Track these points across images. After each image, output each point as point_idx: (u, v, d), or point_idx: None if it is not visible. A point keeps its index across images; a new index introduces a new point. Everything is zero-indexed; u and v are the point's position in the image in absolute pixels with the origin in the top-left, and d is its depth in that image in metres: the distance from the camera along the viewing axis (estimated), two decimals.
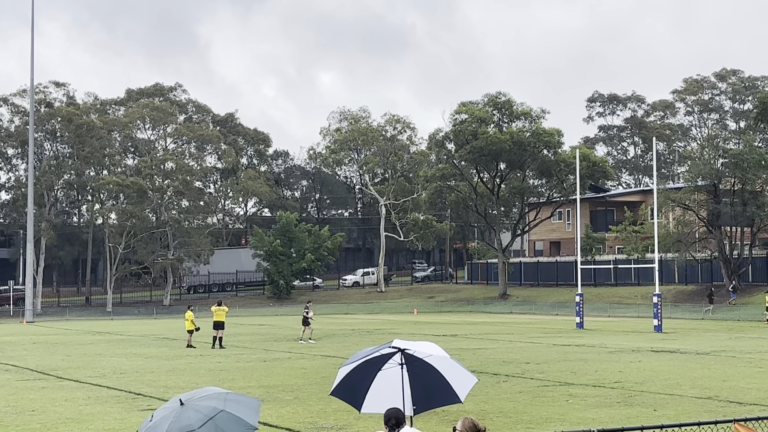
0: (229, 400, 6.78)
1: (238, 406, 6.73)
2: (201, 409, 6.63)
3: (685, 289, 67.55)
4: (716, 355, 29.99)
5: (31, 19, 72.09)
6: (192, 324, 36.60)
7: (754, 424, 7.89)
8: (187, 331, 36.67)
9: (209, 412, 6.59)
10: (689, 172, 68.62)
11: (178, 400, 6.82)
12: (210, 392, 6.94)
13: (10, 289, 76.70)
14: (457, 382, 9.08)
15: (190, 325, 36.63)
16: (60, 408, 18.79)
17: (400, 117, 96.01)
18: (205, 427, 6.46)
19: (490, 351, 32.38)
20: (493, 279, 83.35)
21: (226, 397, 6.85)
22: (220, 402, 6.73)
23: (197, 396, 6.87)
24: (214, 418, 6.53)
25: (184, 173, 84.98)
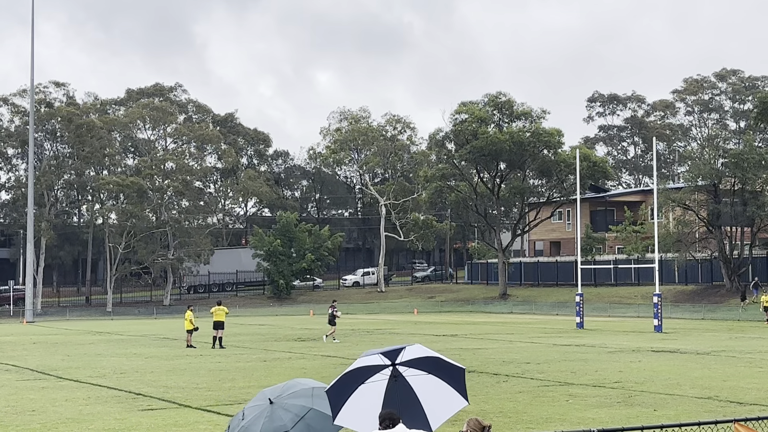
0: (316, 396, 6.92)
1: (325, 402, 6.83)
2: (291, 408, 6.76)
3: (685, 289, 67.55)
4: (716, 355, 29.99)
5: (31, 19, 72.14)
6: (191, 324, 36.60)
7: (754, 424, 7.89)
8: (187, 331, 36.67)
9: (299, 411, 6.74)
10: (689, 172, 68.61)
11: (267, 398, 6.93)
12: (297, 388, 7.04)
13: (10, 289, 76.69)
14: (434, 410, 8.67)
15: (189, 324, 36.63)
16: (60, 408, 18.79)
17: (400, 117, 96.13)
18: (297, 427, 6.60)
19: (490, 351, 32.38)
20: (493, 279, 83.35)
21: (313, 392, 6.99)
22: (309, 399, 6.87)
23: (285, 393, 6.98)
24: (304, 417, 6.67)
25: (184, 173, 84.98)
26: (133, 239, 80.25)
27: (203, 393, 21.05)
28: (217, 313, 36.68)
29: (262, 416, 6.76)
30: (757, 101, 69.26)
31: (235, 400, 19.69)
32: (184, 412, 18.18)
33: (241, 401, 19.50)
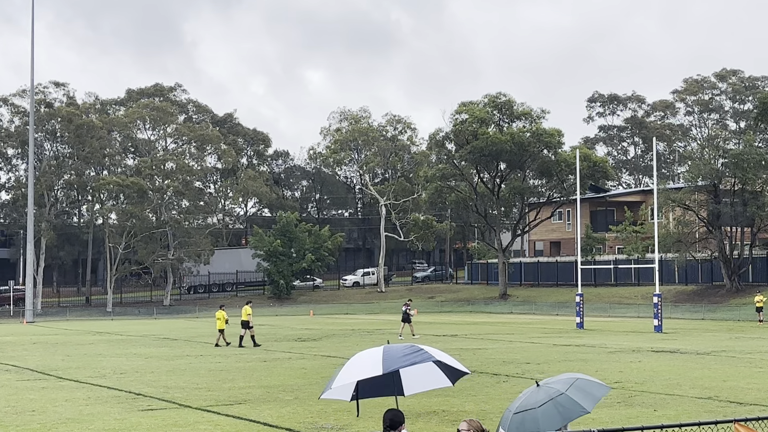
0: (574, 386, 7.46)
1: (578, 392, 7.39)
2: (548, 390, 7.42)
3: (685, 289, 67.55)
4: (716, 355, 29.99)
5: (32, 19, 72.11)
6: (224, 323, 36.95)
7: (754, 424, 7.89)
8: (219, 330, 36.91)
9: (552, 393, 7.35)
10: (689, 172, 68.59)
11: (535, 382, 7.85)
12: (566, 377, 7.66)
13: (10, 289, 76.70)
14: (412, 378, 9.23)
15: (222, 324, 36.92)
16: (60, 408, 18.78)
17: (400, 117, 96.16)
18: (545, 406, 7.27)
19: (490, 351, 32.37)
20: (493, 279, 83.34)
21: (575, 382, 7.51)
22: (566, 386, 7.44)
23: (554, 378, 7.68)
24: (554, 398, 7.32)
25: (184, 173, 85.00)
26: (133, 239, 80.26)
27: (203, 393, 21.05)
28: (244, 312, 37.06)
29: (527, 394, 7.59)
30: (757, 101, 69.26)
31: (235, 400, 19.68)
32: (184, 412, 18.18)
33: (241, 401, 19.51)
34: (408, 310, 41.05)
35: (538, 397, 7.42)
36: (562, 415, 7.22)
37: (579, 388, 7.48)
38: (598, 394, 7.59)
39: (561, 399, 7.32)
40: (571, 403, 7.29)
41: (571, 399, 7.31)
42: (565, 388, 7.40)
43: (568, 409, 7.25)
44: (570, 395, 7.35)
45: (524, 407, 7.37)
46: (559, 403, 7.28)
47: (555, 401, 7.29)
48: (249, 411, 18.09)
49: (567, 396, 7.34)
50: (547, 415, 7.21)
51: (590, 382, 7.72)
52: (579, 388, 7.48)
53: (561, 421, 7.19)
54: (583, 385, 7.56)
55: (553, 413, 7.22)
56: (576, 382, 7.54)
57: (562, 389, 7.41)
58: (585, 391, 7.48)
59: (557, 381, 7.61)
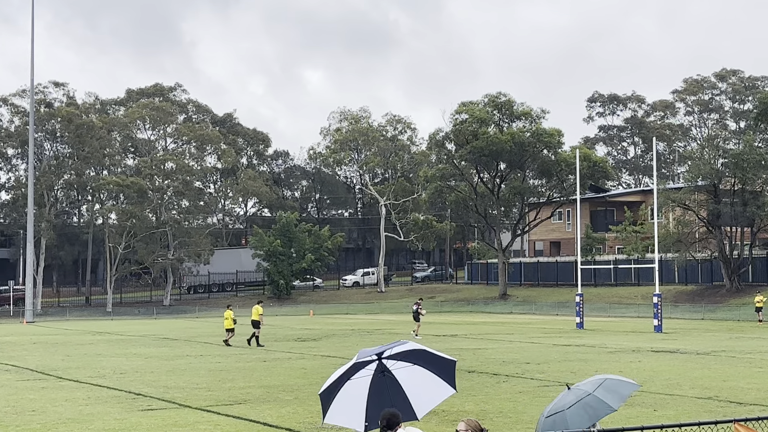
0: (602, 386, 7.72)
1: (605, 392, 7.64)
2: (577, 393, 7.67)
3: (685, 289, 67.55)
4: (716, 355, 29.99)
5: (32, 19, 72.08)
6: (232, 323, 37.03)
7: (754, 424, 7.89)
8: (226, 330, 37.05)
9: (581, 395, 7.62)
10: (689, 172, 68.60)
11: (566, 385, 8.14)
12: (594, 378, 7.91)
13: (10, 289, 76.70)
14: (419, 398, 9.09)
15: (230, 323, 36.97)
16: (60, 408, 18.78)
17: (400, 117, 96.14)
18: (574, 407, 7.53)
19: (490, 351, 32.37)
20: (493, 279, 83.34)
21: (603, 383, 7.77)
22: (594, 386, 7.70)
23: (584, 382, 7.93)
24: (583, 399, 7.59)
25: (184, 173, 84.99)
26: (133, 239, 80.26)
27: (203, 393, 21.05)
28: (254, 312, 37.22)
29: (558, 397, 7.90)
30: (757, 101, 69.25)
31: (235, 400, 19.68)
32: (184, 412, 18.18)
33: (241, 401, 19.51)
34: (419, 309, 41.57)
35: (567, 399, 7.70)
36: (590, 415, 7.46)
37: (607, 388, 7.73)
38: (626, 392, 7.84)
39: (589, 399, 7.58)
40: (599, 402, 7.55)
41: (598, 399, 7.58)
42: (593, 389, 7.68)
43: (596, 408, 7.51)
44: (597, 395, 7.61)
45: (555, 410, 7.66)
46: (587, 404, 7.54)
47: (583, 402, 7.56)
48: (249, 411, 18.09)
49: (594, 396, 7.60)
50: (575, 416, 7.47)
51: (619, 382, 7.97)
52: (607, 388, 7.73)
53: (589, 420, 7.42)
54: (611, 384, 7.81)
55: (582, 414, 7.47)
56: (604, 383, 7.80)
57: (590, 390, 7.69)
58: (613, 390, 7.73)
59: (587, 383, 7.88)
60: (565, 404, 7.67)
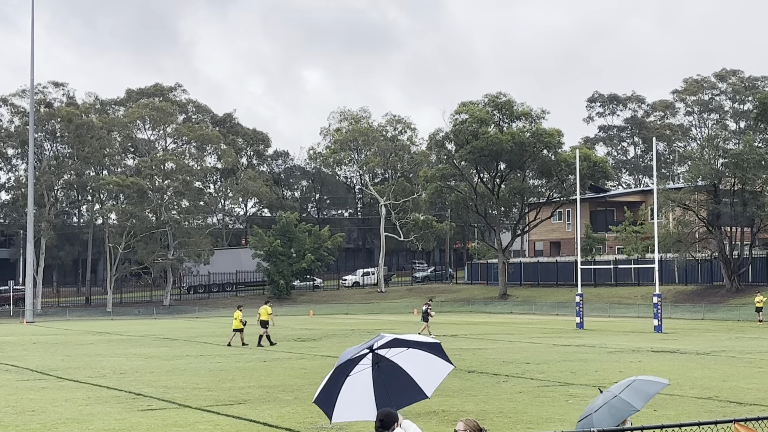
0: (629, 387, 7.93)
1: (631, 393, 7.87)
2: (605, 395, 7.94)
3: (685, 289, 67.55)
4: (716, 355, 29.99)
5: (31, 19, 72.09)
6: (240, 323, 37.14)
7: (754, 424, 7.89)
8: (233, 330, 37.19)
9: (608, 397, 7.89)
10: (689, 172, 68.60)
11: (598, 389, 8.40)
12: (625, 381, 8.15)
13: (10, 289, 76.70)
14: (425, 378, 9.05)
15: (238, 324, 37.08)
16: (60, 408, 18.78)
17: (400, 117, 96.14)
18: (600, 409, 7.77)
19: (490, 351, 32.37)
20: (493, 279, 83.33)
21: (631, 384, 7.99)
22: (621, 388, 7.96)
23: (615, 384, 8.16)
24: (609, 402, 7.82)
25: (184, 173, 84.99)
26: (133, 239, 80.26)
27: (203, 393, 21.05)
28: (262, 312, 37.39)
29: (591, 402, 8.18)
30: (757, 101, 69.23)
31: (235, 400, 19.68)
32: (184, 412, 18.18)
33: (241, 401, 19.50)
34: (428, 309, 41.99)
35: (596, 402, 7.95)
36: (614, 416, 7.67)
37: (633, 389, 7.94)
38: (652, 392, 8.04)
39: (614, 401, 7.81)
40: (623, 403, 7.77)
41: (623, 400, 7.80)
42: (619, 390, 7.91)
43: (620, 409, 7.73)
44: (623, 396, 7.84)
45: (584, 414, 7.94)
46: (612, 405, 7.77)
47: (609, 404, 7.79)
48: (249, 411, 18.09)
49: (620, 398, 7.83)
50: (600, 418, 7.71)
51: (646, 381, 8.17)
52: (633, 389, 7.94)
53: (613, 422, 7.63)
54: (638, 385, 8.02)
55: (606, 416, 7.70)
56: (632, 384, 8.01)
57: (617, 392, 7.91)
58: (638, 390, 7.95)
59: (617, 385, 8.10)
60: (593, 407, 7.91)
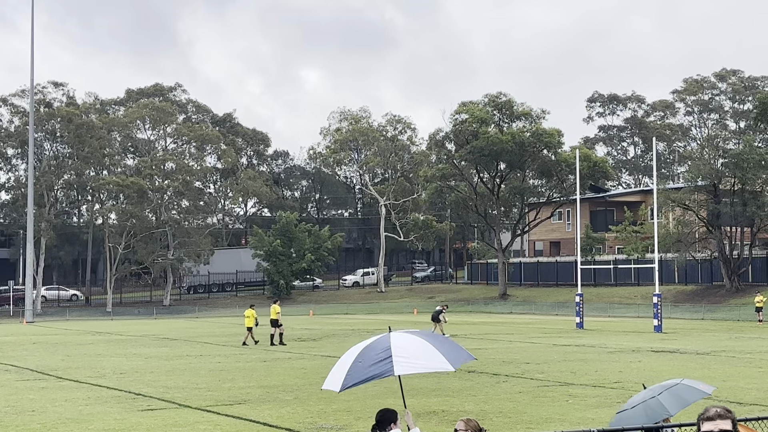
0: (670, 390, 8.15)
1: (669, 396, 8.05)
2: (645, 394, 8.17)
3: (685, 289, 67.55)
4: (716, 355, 29.99)
5: (31, 19, 72.07)
6: (253, 321, 37.35)
7: (754, 424, 7.89)
8: (247, 328, 37.33)
9: (646, 396, 8.13)
10: (689, 172, 68.61)
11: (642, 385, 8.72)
12: (669, 381, 8.45)
13: (10, 289, 76.69)
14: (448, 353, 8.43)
15: (251, 322, 37.28)
16: (60, 408, 18.78)
17: (400, 117, 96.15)
18: (637, 408, 7.99)
19: (490, 351, 32.37)
20: (493, 279, 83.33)
21: (673, 387, 8.21)
22: (662, 389, 8.18)
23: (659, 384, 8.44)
24: (646, 401, 8.04)
25: (184, 173, 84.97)
26: (133, 239, 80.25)
27: (203, 393, 21.05)
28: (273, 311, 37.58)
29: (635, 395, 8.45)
30: (756, 101, 69.24)
31: (235, 400, 19.68)
32: (184, 412, 18.18)
33: (241, 401, 19.50)
34: (443, 312, 42.37)
35: (636, 399, 8.17)
36: (648, 417, 7.83)
37: (673, 393, 8.09)
38: (691, 399, 8.16)
39: (651, 402, 7.98)
40: (659, 406, 7.92)
41: (659, 402, 7.96)
42: (659, 391, 8.09)
43: (655, 411, 7.88)
44: (660, 399, 8.00)
45: (623, 408, 8.18)
46: (648, 406, 7.94)
47: (646, 404, 7.97)
48: (249, 411, 18.09)
49: (657, 399, 7.99)
50: (636, 415, 7.89)
51: (689, 387, 8.30)
52: (673, 393, 8.09)
53: (647, 421, 7.78)
54: (679, 389, 8.18)
55: (641, 415, 7.87)
56: (674, 387, 8.18)
57: (656, 393, 8.09)
58: (678, 396, 8.10)
59: (660, 385, 8.29)
60: (631, 404, 8.11)
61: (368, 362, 8.19)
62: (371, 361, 8.19)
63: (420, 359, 8.25)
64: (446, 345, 8.70)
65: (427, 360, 8.26)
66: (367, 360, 8.24)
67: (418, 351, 8.31)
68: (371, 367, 8.13)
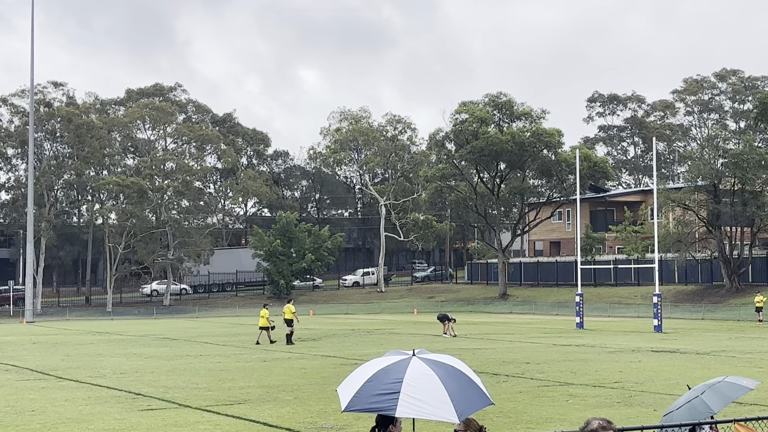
0: (713, 388, 8.36)
1: (712, 394, 8.27)
2: (689, 394, 8.34)
3: (685, 289, 67.55)
4: (716, 355, 29.99)
5: (31, 19, 72.05)
6: (267, 321, 37.45)
7: (754, 424, 7.90)
8: (260, 328, 37.56)
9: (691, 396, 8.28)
10: (689, 172, 68.60)
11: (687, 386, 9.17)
12: (713, 380, 8.60)
13: (10, 289, 76.69)
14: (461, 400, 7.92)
15: (265, 322, 37.42)
16: (60, 408, 18.78)
17: (401, 117, 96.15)
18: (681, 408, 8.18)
19: (490, 351, 32.37)
20: (493, 279, 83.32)
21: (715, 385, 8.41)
22: (705, 388, 8.40)
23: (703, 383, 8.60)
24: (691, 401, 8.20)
25: (184, 173, 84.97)
26: (133, 239, 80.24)
27: (203, 393, 21.05)
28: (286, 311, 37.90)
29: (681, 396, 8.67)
30: (756, 101, 69.24)
31: (235, 400, 19.68)
32: (184, 412, 18.18)
33: (241, 401, 19.50)
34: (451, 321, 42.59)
35: (680, 401, 8.37)
36: (693, 417, 7.99)
37: (716, 391, 8.30)
38: (733, 396, 8.42)
39: (695, 402, 8.17)
40: (702, 405, 8.12)
41: (702, 401, 8.15)
42: (702, 391, 8.30)
43: (698, 410, 8.07)
44: (703, 398, 8.21)
45: (669, 410, 8.39)
46: (693, 406, 8.13)
47: (690, 404, 8.16)
48: (249, 411, 18.09)
49: (700, 399, 8.19)
50: (681, 417, 8.07)
51: (731, 384, 8.52)
52: (716, 391, 8.30)
53: (691, 420, 7.97)
54: (722, 387, 8.40)
55: (685, 415, 8.06)
56: (717, 385, 8.39)
57: (699, 392, 8.30)
58: (720, 393, 8.32)
59: (703, 384, 8.49)
60: (676, 405, 8.31)
61: (377, 389, 7.83)
62: (379, 389, 7.81)
63: (426, 404, 7.72)
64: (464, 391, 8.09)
65: (434, 407, 7.72)
66: (377, 385, 7.87)
67: (428, 394, 7.76)
68: (376, 397, 7.79)
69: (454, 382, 8.05)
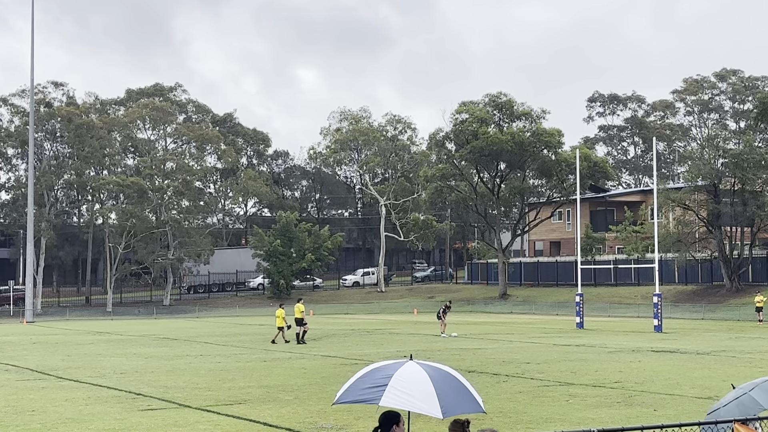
0: (760, 386, 8.41)
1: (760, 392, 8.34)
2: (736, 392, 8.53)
3: (685, 289, 67.55)
4: (716, 355, 29.99)
5: (31, 19, 72.06)
6: (283, 321, 37.71)
7: (754, 424, 7.91)
8: (278, 328, 37.80)
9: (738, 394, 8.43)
10: (689, 172, 68.58)
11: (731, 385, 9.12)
12: (758, 380, 8.66)
13: (10, 289, 76.68)
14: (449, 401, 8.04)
15: (282, 322, 37.67)
16: (60, 408, 18.78)
17: (400, 117, 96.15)
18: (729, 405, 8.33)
19: (490, 351, 32.38)
20: (493, 279, 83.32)
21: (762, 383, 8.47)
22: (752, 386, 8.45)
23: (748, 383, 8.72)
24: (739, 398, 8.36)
25: (184, 173, 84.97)
26: (133, 239, 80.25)
27: (203, 393, 21.05)
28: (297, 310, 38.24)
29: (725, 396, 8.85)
30: (756, 101, 69.23)
31: (235, 400, 19.68)
32: (184, 412, 18.19)
33: (241, 401, 19.50)
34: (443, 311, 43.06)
35: (726, 398, 8.53)
36: (741, 412, 8.12)
37: (763, 388, 8.39)
38: None
39: (744, 398, 8.32)
40: (751, 401, 8.27)
41: (751, 398, 8.30)
42: (750, 388, 8.42)
43: (747, 406, 8.21)
44: (752, 394, 8.34)
45: (713, 408, 8.55)
46: (741, 402, 8.28)
47: (739, 400, 8.31)
48: (249, 411, 18.09)
49: (749, 395, 8.33)
50: (729, 413, 8.19)
51: None
52: (763, 388, 8.39)
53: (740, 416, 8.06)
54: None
55: (734, 411, 8.19)
56: (764, 383, 8.47)
57: (747, 390, 8.42)
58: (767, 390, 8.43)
59: (749, 383, 8.61)
60: (722, 403, 8.49)
61: (366, 384, 8.04)
62: (369, 383, 8.02)
63: (412, 397, 7.83)
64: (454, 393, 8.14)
65: (419, 401, 7.84)
66: (368, 380, 8.09)
67: (416, 389, 7.88)
68: (364, 390, 7.98)
69: (445, 383, 8.13)
